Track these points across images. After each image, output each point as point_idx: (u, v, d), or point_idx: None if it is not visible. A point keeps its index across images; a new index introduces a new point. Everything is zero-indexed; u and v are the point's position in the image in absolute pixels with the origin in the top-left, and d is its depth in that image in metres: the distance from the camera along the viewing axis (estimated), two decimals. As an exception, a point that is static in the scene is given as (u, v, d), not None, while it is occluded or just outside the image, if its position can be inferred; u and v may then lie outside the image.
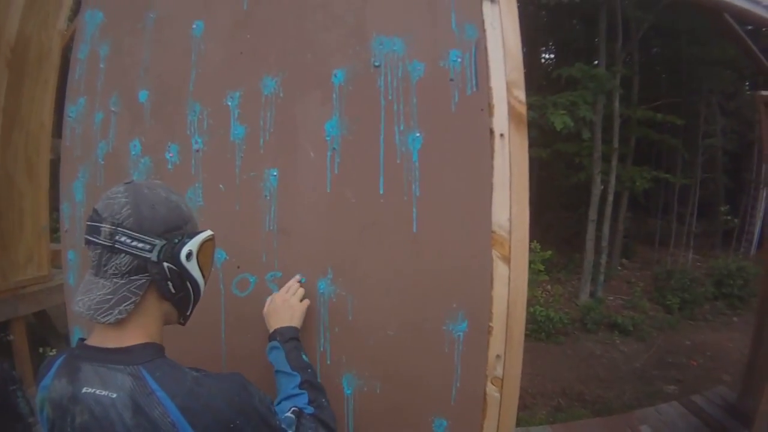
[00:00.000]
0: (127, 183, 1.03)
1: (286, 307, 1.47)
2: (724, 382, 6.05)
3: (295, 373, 1.30)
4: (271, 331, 1.43)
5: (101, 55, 1.84)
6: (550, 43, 14.95)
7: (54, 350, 4.22)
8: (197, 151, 1.69)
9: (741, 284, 9.88)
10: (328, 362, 1.56)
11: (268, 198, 1.62)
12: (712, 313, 9.63)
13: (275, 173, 1.62)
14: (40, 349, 4.09)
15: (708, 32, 9.58)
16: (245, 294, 1.63)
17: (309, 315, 1.54)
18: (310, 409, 1.20)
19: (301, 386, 1.26)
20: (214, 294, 1.64)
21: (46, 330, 4.30)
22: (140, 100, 1.77)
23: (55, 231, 4.78)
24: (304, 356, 1.38)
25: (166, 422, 0.89)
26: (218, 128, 1.67)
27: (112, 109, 1.80)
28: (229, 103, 1.66)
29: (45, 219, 3.99)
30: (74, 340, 1.57)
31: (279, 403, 1.23)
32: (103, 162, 1.80)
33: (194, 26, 1.73)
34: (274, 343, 1.39)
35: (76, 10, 4.50)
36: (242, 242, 1.64)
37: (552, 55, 15.34)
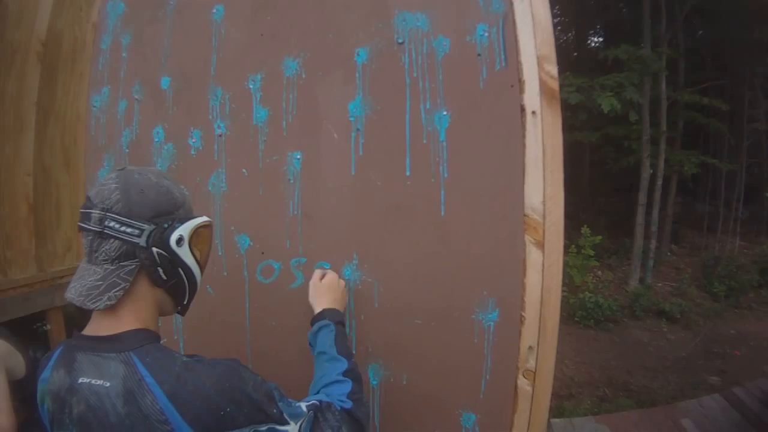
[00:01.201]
0: (119, 169, 1.01)
1: (333, 288, 1.44)
2: (765, 373, 5.84)
3: (342, 358, 1.24)
4: (319, 310, 1.37)
5: (123, 45, 1.85)
6: (598, 26, 14.78)
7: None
8: (220, 135, 1.66)
9: (785, 273, 9.52)
10: (354, 351, 1.52)
11: (292, 182, 1.58)
12: (757, 302, 9.31)
13: (299, 156, 1.58)
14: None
15: (748, 14, 9.20)
16: (270, 281, 1.60)
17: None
18: (348, 403, 1.12)
19: (345, 374, 1.19)
20: (239, 282, 1.62)
21: (87, 320, 4.38)
22: (162, 86, 1.75)
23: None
24: (348, 344, 1.32)
25: (156, 410, 0.86)
26: (240, 112, 1.64)
27: (135, 97, 1.79)
28: (251, 86, 1.63)
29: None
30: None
31: (319, 388, 1.17)
32: (127, 150, 1.79)
33: (214, 11, 1.70)
34: (324, 322, 1.32)
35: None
36: (266, 228, 1.61)
37: (601, 38, 15.17)
